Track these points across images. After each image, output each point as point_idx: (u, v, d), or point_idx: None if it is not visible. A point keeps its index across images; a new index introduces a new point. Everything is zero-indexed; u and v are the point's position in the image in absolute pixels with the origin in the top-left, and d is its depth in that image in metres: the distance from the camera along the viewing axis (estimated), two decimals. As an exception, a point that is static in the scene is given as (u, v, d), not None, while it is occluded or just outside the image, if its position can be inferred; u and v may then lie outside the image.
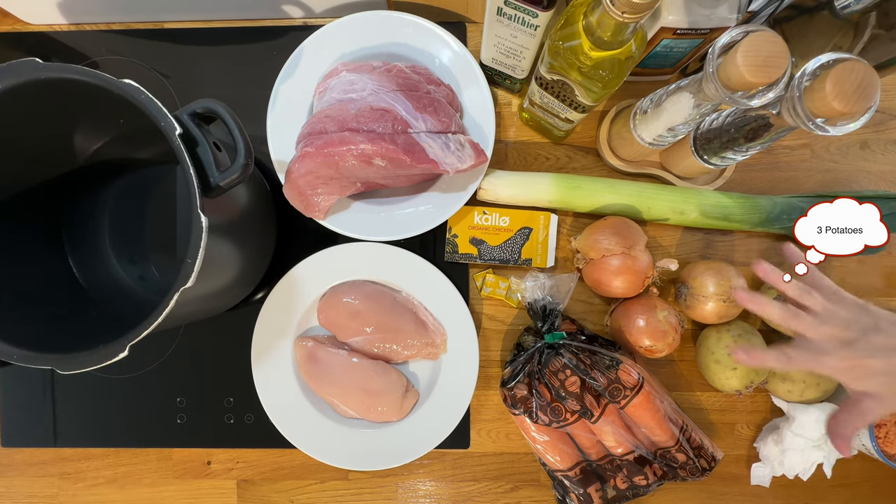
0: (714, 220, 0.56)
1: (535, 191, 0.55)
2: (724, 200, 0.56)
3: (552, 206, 0.56)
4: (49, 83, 0.39)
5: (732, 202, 0.56)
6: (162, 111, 0.38)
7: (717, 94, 0.38)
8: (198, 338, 0.61)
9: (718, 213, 0.56)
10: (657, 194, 0.56)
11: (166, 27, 0.62)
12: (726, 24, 0.45)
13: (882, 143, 0.60)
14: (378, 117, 0.49)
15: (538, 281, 0.56)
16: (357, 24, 0.55)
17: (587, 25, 0.39)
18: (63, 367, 0.40)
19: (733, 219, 0.56)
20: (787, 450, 0.54)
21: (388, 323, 0.58)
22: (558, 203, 0.56)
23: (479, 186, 0.55)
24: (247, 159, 0.40)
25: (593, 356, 0.53)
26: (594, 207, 0.56)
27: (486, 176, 0.55)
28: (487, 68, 0.56)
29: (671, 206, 0.56)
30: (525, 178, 0.56)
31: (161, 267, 0.59)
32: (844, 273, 0.60)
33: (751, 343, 0.54)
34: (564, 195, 0.55)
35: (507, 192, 0.55)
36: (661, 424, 0.53)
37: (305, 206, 0.53)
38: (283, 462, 0.62)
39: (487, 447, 0.61)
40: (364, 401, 0.57)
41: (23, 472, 0.62)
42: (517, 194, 0.56)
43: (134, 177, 0.59)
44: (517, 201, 0.56)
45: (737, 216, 0.56)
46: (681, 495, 0.61)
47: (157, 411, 0.61)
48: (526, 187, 0.55)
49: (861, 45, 0.44)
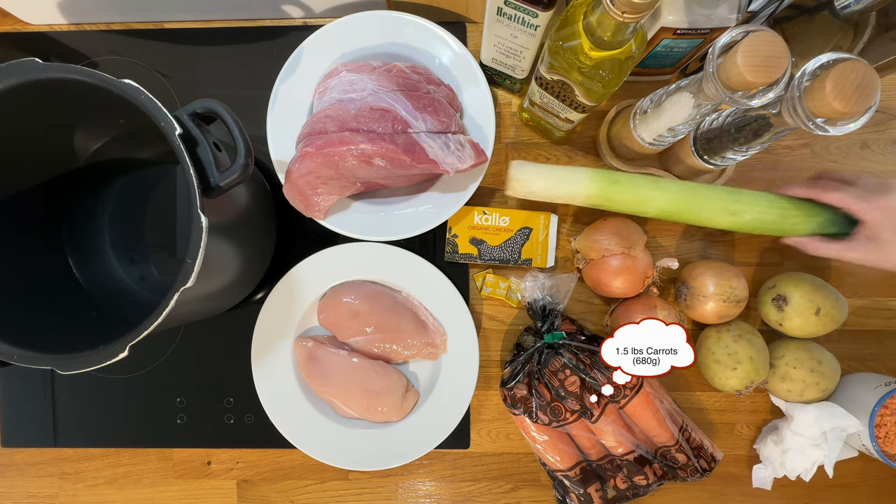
0: (770, 223, 0.49)
1: (571, 185, 0.49)
2: (781, 201, 0.49)
3: (589, 202, 0.50)
4: (49, 83, 0.39)
5: (790, 203, 0.49)
6: (162, 111, 0.38)
7: (717, 94, 0.38)
8: (198, 338, 0.61)
9: (776, 215, 0.49)
10: (708, 192, 0.49)
11: (166, 27, 0.62)
12: (726, 24, 0.45)
13: (882, 143, 0.60)
14: (378, 117, 0.49)
15: (538, 281, 0.56)
16: (357, 24, 0.55)
17: (587, 25, 0.39)
18: (63, 367, 0.40)
19: (790, 221, 0.49)
20: (787, 450, 0.54)
21: (388, 323, 0.58)
22: (596, 199, 0.50)
23: (510, 178, 0.50)
24: (247, 159, 0.40)
25: (593, 356, 0.53)
26: (634, 205, 0.50)
27: (517, 168, 0.50)
28: (487, 68, 0.56)
29: (723, 205, 0.48)
30: (560, 172, 0.50)
31: (161, 267, 0.59)
32: (844, 273, 0.60)
33: (751, 343, 0.54)
34: (604, 190, 0.49)
35: (541, 185, 0.49)
36: (661, 424, 0.53)
37: (305, 206, 0.53)
38: (283, 462, 0.62)
39: (487, 447, 0.61)
40: (364, 401, 0.57)
41: (23, 472, 0.62)
42: (551, 188, 0.49)
43: (134, 177, 0.59)
44: (549, 196, 0.50)
45: (794, 217, 0.49)
46: (681, 495, 0.61)
47: (157, 411, 0.61)
48: (561, 181, 0.49)
49: (861, 45, 0.44)
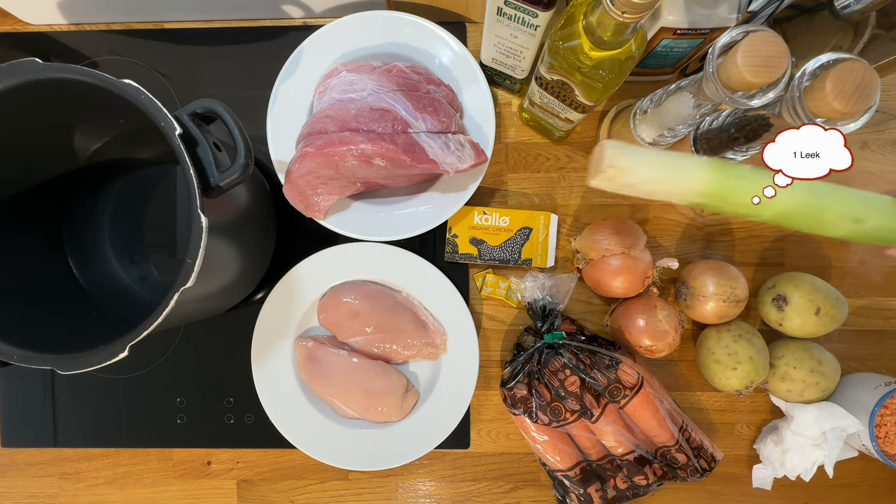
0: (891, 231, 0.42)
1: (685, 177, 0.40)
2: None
3: (700, 200, 0.41)
4: (49, 83, 0.39)
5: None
6: (162, 111, 0.38)
7: (717, 94, 0.38)
8: (198, 338, 0.61)
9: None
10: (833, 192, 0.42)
11: (166, 27, 0.62)
12: (726, 24, 0.45)
13: (882, 143, 0.60)
14: (378, 117, 0.49)
15: (538, 281, 0.56)
16: (357, 24, 0.55)
17: (587, 25, 0.39)
18: (63, 367, 0.40)
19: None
20: (787, 450, 0.54)
21: (388, 323, 0.58)
22: (710, 197, 0.41)
23: (605, 164, 0.39)
24: (247, 159, 0.40)
25: (593, 356, 0.53)
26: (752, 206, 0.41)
27: (616, 151, 0.39)
28: (487, 68, 0.56)
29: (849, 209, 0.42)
30: (671, 158, 0.40)
31: (161, 267, 0.59)
32: (844, 273, 0.60)
33: (751, 343, 0.54)
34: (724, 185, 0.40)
35: (648, 174, 0.40)
36: (661, 424, 0.53)
37: (305, 206, 0.53)
38: (283, 462, 0.62)
39: (487, 447, 0.61)
40: (364, 401, 0.57)
41: (23, 472, 0.62)
42: (660, 179, 0.40)
43: (134, 177, 0.59)
44: (652, 190, 0.41)
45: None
46: (681, 495, 0.61)
47: (157, 411, 0.61)
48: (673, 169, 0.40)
49: (861, 45, 0.44)
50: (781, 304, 0.55)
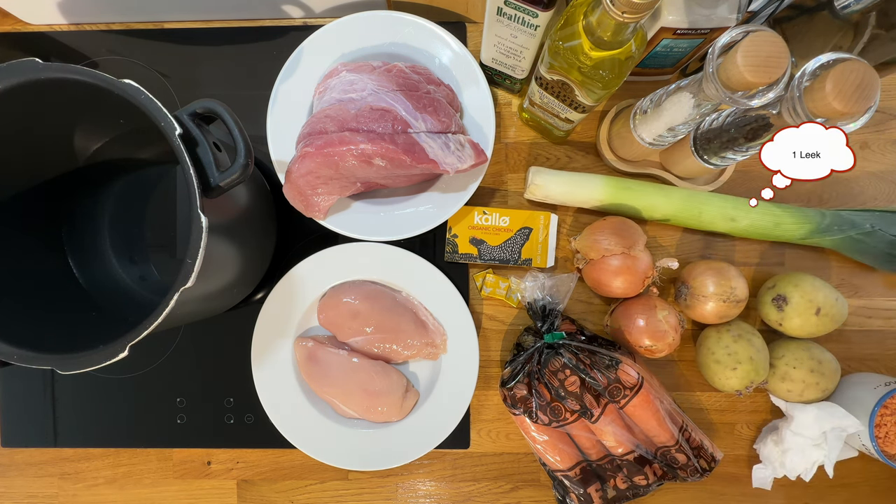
0: (764, 229, 0.56)
1: (586, 191, 0.56)
2: (775, 210, 0.56)
3: (601, 206, 0.57)
4: (49, 83, 0.39)
5: (783, 211, 0.56)
6: (162, 111, 0.38)
7: (717, 94, 0.38)
8: (198, 338, 0.61)
9: (770, 222, 0.56)
10: (709, 199, 0.56)
11: (166, 27, 0.62)
12: (726, 24, 0.45)
13: (882, 143, 0.60)
14: (378, 117, 0.49)
15: (538, 281, 0.56)
16: (357, 24, 0.55)
17: (587, 25, 0.39)
18: (63, 367, 0.40)
19: (783, 228, 0.56)
20: (787, 450, 0.54)
21: (388, 323, 0.58)
22: (607, 204, 0.57)
23: (530, 182, 0.56)
24: (247, 159, 0.40)
25: (593, 356, 0.53)
26: (643, 210, 0.57)
27: (536, 174, 0.56)
28: (487, 68, 0.56)
29: (722, 212, 0.56)
30: (576, 178, 0.56)
31: (161, 267, 0.59)
32: (844, 273, 0.60)
33: (751, 343, 0.54)
34: (615, 196, 0.56)
35: (559, 189, 0.56)
36: (661, 424, 0.53)
37: (305, 206, 0.53)
38: (283, 462, 0.62)
39: (487, 447, 0.61)
40: (364, 401, 0.57)
41: (23, 472, 0.62)
42: (568, 192, 0.56)
43: (134, 177, 0.59)
44: (564, 200, 0.57)
45: (787, 224, 0.56)
46: (681, 495, 0.61)
47: (157, 411, 0.61)
48: (577, 186, 0.56)
49: (861, 45, 0.44)
50: (781, 304, 0.55)
